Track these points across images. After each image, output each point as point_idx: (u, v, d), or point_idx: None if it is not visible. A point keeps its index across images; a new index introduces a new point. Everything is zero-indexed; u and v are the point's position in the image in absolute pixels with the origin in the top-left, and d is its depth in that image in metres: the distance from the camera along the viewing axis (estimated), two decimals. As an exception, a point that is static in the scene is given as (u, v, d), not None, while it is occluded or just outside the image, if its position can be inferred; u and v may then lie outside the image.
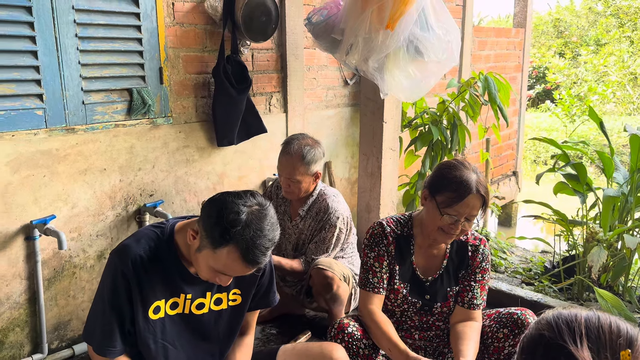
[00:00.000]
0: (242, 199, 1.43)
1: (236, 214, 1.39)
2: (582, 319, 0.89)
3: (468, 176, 1.76)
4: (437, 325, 1.98)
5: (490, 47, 5.16)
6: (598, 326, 0.87)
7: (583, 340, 0.85)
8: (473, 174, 1.77)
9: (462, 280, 1.94)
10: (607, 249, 3.11)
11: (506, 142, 5.83)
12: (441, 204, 1.77)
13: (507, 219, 6.14)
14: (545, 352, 0.90)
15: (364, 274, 1.93)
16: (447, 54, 2.53)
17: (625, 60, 8.86)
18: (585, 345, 0.85)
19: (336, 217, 2.44)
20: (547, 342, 0.90)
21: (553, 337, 0.89)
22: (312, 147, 2.41)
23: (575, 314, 0.91)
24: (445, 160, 1.91)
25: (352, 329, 1.85)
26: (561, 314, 0.93)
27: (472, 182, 1.75)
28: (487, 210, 4.78)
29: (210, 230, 1.41)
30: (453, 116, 3.65)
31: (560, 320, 0.91)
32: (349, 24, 2.51)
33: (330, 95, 3.53)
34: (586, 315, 0.90)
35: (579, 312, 0.92)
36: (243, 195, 1.44)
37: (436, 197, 1.79)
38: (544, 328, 0.92)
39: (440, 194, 1.78)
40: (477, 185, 1.75)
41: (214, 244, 1.41)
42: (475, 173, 1.78)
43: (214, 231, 1.40)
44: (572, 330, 0.88)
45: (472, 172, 1.78)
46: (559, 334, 0.88)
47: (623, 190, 3.24)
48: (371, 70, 2.52)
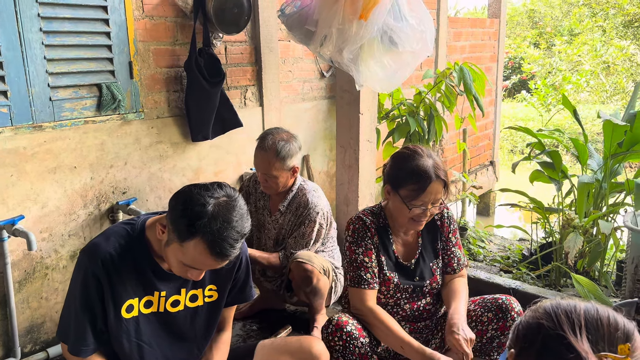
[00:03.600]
0: (209, 191, 1.40)
1: (202, 206, 1.36)
2: (581, 311, 0.89)
3: (425, 164, 1.76)
4: (427, 309, 1.98)
5: (466, 37, 5.19)
6: (597, 318, 0.88)
7: (582, 332, 0.85)
8: (429, 160, 1.78)
9: (442, 252, 1.99)
10: (582, 235, 3.16)
11: (483, 132, 5.88)
12: (406, 198, 1.78)
13: (485, 208, 6.21)
14: (544, 341, 0.90)
15: (354, 271, 1.89)
16: (421, 43, 2.52)
17: (597, 50, 9.01)
18: (584, 336, 0.85)
19: (316, 213, 2.42)
20: (547, 331, 0.90)
21: (552, 326, 0.89)
22: (287, 142, 2.38)
23: (574, 305, 0.91)
24: (398, 151, 1.90)
25: (351, 327, 1.80)
26: (560, 304, 0.93)
27: (430, 170, 1.76)
28: (465, 198, 4.81)
29: (176, 223, 1.39)
30: (430, 107, 3.66)
31: (560, 310, 0.91)
32: (322, 14, 2.48)
33: (306, 88, 3.50)
34: (585, 307, 0.90)
35: (577, 303, 0.92)
36: (210, 187, 1.42)
37: (399, 191, 1.80)
38: (542, 317, 0.92)
39: (402, 188, 1.79)
40: (435, 171, 1.76)
41: (180, 237, 1.38)
42: (431, 157, 1.79)
43: (180, 224, 1.37)
44: (572, 321, 0.88)
45: (428, 157, 1.78)
46: (558, 324, 0.88)
47: (597, 177, 3.29)
48: (346, 62, 2.50)
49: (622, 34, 9.28)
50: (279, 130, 2.46)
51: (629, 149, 3.12)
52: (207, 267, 1.46)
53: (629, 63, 8.52)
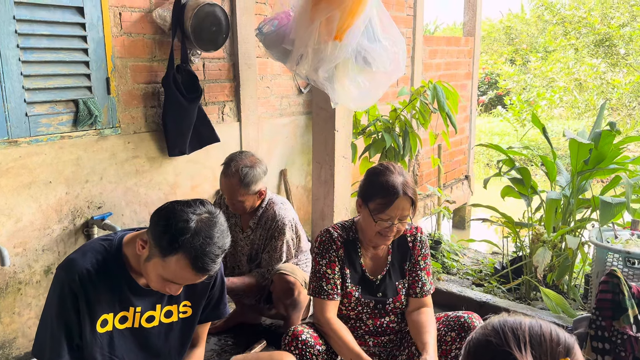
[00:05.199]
0: (192, 207, 1.44)
1: (185, 222, 1.40)
2: (526, 327, 0.93)
3: (394, 180, 1.83)
4: (392, 327, 2.02)
5: (441, 55, 5.32)
6: (540, 334, 0.92)
7: (527, 348, 0.89)
8: (399, 177, 1.84)
9: (409, 273, 2.01)
10: (551, 249, 3.26)
11: (458, 147, 6.00)
12: (373, 211, 1.83)
13: (460, 222, 6.31)
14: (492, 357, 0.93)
15: (316, 282, 1.96)
16: (394, 64, 2.59)
17: (570, 67, 9.29)
18: (529, 352, 0.89)
19: (283, 224, 2.46)
20: (494, 348, 0.93)
21: (500, 343, 0.92)
22: (251, 168, 2.39)
23: (520, 322, 0.95)
24: (372, 167, 1.97)
25: (306, 335, 1.87)
26: (507, 321, 0.96)
27: (398, 186, 1.82)
28: (419, 209, 4.90)
29: (159, 238, 1.42)
30: (405, 123, 3.74)
31: (506, 327, 0.94)
32: (298, 34, 2.54)
33: (284, 103, 3.56)
34: (529, 324, 0.94)
35: (523, 319, 0.96)
36: (192, 203, 1.45)
37: (368, 204, 1.85)
38: (490, 334, 0.96)
39: (371, 201, 1.85)
40: (403, 188, 1.82)
41: (162, 252, 1.41)
42: (402, 175, 1.85)
43: (163, 240, 1.41)
44: (517, 337, 0.91)
45: (398, 174, 1.85)
46: (505, 341, 0.92)
47: (565, 193, 3.40)
48: (321, 80, 2.56)
49: (593, 52, 9.58)
50: (245, 154, 2.46)
51: (595, 167, 3.24)
52: (187, 281, 1.49)
53: (600, 81, 8.79)
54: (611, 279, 1.35)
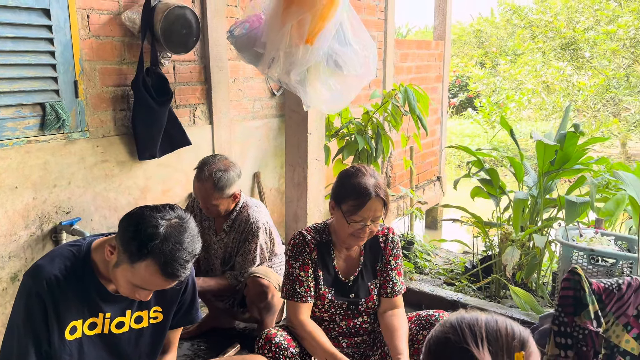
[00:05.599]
0: (161, 213, 1.43)
1: (154, 228, 1.39)
2: (482, 323, 0.96)
3: (366, 182, 1.85)
4: (365, 327, 2.04)
5: (412, 59, 5.39)
6: (496, 329, 0.94)
7: (484, 343, 0.92)
8: (371, 179, 1.86)
9: (380, 273, 2.03)
10: (519, 248, 3.34)
11: (430, 149, 6.09)
12: (346, 213, 1.85)
13: (433, 222, 6.40)
14: (450, 354, 0.95)
15: (290, 284, 1.97)
16: (364, 68, 2.62)
17: (538, 70, 9.52)
18: (485, 347, 0.91)
19: (257, 227, 2.46)
20: (453, 345, 0.95)
21: (457, 340, 0.95)
22: (224, 172, 2.38)
23: (476, 318, 0.98)
24: (345, 169, 1.99)
25: (280, 338, 1.88)
26: (464, 318, 0.99)
27: (370, 187, 1.84)
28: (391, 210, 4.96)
29: (128, 244, 1.40)
30: (377, 126, 3.79)
31: (464, 324, 0.97)
32: (270, 38, 2.55)
33: (257, 106, 3.56)
34: (486, 319, 0.97)
35: (479, 316, 0.98)
36: (162, 208, 1.44)
37: (341, 206, 1.87)
38: (448, 331, 0.98)
39: (344, 203, 1.87)
40: (375, 190, 1.84)
41: (131, 258, 1.40)
42: (374, 177, 1.88)
43: (131, 245, 1.39)
44: (474, 333, 0.94)
45: (370, 177, 1.87)
46: (462, 338, 0.94)
47: (532, 193, 3.49)
48: (293, 83, 2.57)
49: (560, 55, 9.86)
50: (218, 158, 2.45)
51: (561, 167, 3.33)
52: (157, 287, 1.48)
53: (566, 83, 9.04)
54: (573, 276, 1.40)
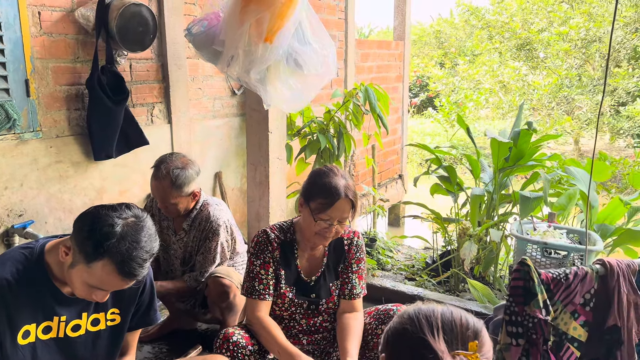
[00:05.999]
0: (117, 212, 1.41)
1: (110, 227, 1.37)
2: (438, 314, 0.99)
3: (337, 182, 1.87)
4: (325, 326, 2.06)
5: (373, 59, 5.45)
6: (451, 320, 0.98)
7: (440, 333, 0.95)
8: (342, 180, 1.88)
9: (341, 274, 2.05)
10: (477, 242, 3.43)
11: (391, 147, 6.18)
12: (314, 211, 1.86)
13: (395, 220, 6.50)
14: (408, 344, 0.99)
15: (249, 282, 1.97)
16: (324, 67, 2.64)
17: (495, 70, 9.80)
18: (441, 337, 0.95)
19: (217, 225, 2.44)
20: (410, 335, 0.98)
21: (415, 330, 0.98)
22: (182, 169, 2.34)
23: (432, 309, 1.01)
24: (317, 168, 2.01)
25: (237, 337, 1.88)
26: (421, 310, 1.02)
27: (340, 188, 1.86)
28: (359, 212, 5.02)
29: (83, 244, 1.38)
30: (339, 125, 3.81)
31: (421, 315, 1.00)
32: (228, 36, 2.54)
33: (217, 105, 3.53)
34: (441, 310, 1.00)
35: (435, 307, 1.02)
36: (118, 207, 1.42)
37: (310, 204, 1.88)
38: (406, 322, 1.01)
39: (313, 201, 1.88)
40: (345, 191, 1.86)
41: (87, 258, 1.37)
42: (344, 178, 1.90)
43: (87, 245, 1.37)
44: (431, 324, 0.97)
45: (341, 177, 1.89)
46: (419, 328, 0.97)
47: (488, 189, 3.59)
48: (253, 82, 2.57)
49: (516, 55, 10.17)
50: (176, 156, 2.41)
51: (515, 164, 3.45)
52: (114, 287, 1.45)
53: (522, 83, 9.34)
54: (522, 267, 1.46)
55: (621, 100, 9.09)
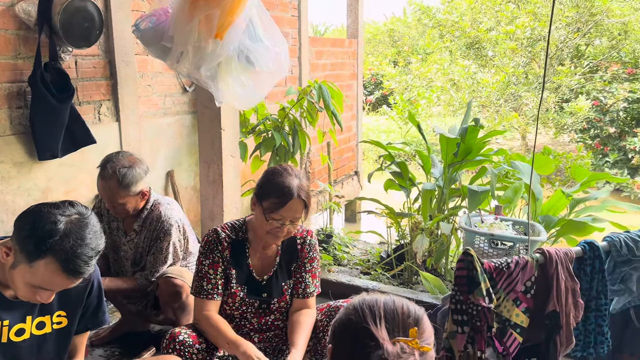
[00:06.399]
0: (60, 209, 1.38)
1: (53, 224, 1.33)
2: (381, 304, 1.03)
3: (290, 182, 1.87)
4: (276, 324, 2.06)
5: (327, 56, 5.49)
6: (393, 309, 1.02)
7: (382, 322, 0.99)
8: (295, 180, 1.88)
9: (294, 274, 2.05)
10: (429, 236, 3.53)
11: (347, 144, 6.24)
12: (266, 210, 1.86)
13: (352, 216, 6.57)
14: (353, 334, 1.02)
15: (198, 281, 1.95)
16: (277, 64, 2.64)
17: (445, 68, 10.06)
18: (383, 325, 0.98)
19: (169, 224, 2.40)
20: (354, 325, 1.02)
21: (359, 320, 1.01)
22: (129, 168, 2.29)
23: (376, 299, 1.05)
24: (271, 167, 2.01)
25: (184, 336, 1.86)
26: (365, 300, 1.06)
27: (293, 188, 1.86)
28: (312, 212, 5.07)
29: (24, 243, 1.34)
30: (294, 122, 3.82)
31: (364, 305, 1.04)
32: (177, 31, 2.50)
33: (168, 102, 3.47)
34: (384, 300, 1.04)
35: (379, 297, 1.06)
36: (61, 205, 1.39)
37: (262, 203, 1.88)
38: (351, 313, 1.05)
39: (265, 200, 1.88)
40: (298, 191, 1.86)
41: (29, 257, 1.34)
42: (298, 178, 1.90)
43: (28, 244, 1.33)
44: (374, 313, 1.01)
45: (295, 177, 1.89)
46: (363, 318, 1.01)
47: (439, 184, 3.69)
48: (204, 79, 2.54)
49: (466, 54, 10.47)
50: (122, 155, 2.36)
51: (463, 159, 3.56)
52: (59, 287, 1.42)
53: (471, 80, 9.63)
54: (466, 258, 1.52)
55: (565, 97, 9.52)
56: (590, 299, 1.78)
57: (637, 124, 8.57)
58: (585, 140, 9.02)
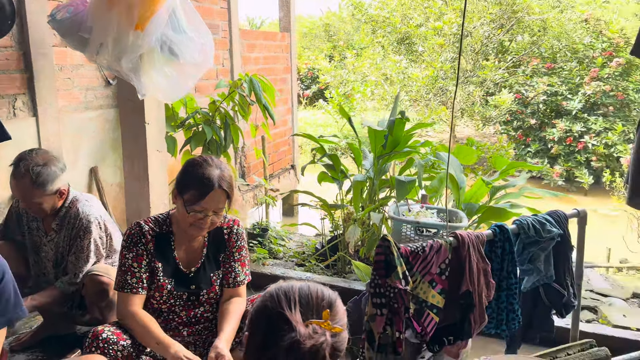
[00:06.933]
0: None
1: None
2: (296, 289, 1.07)
3: (210, 173, 1.85)
4: (206, 316, 2.05)
5: (260, 50, 5.46)
6: (308, 293, 1.06)
7: (296, 306, 1.03)
8: (216, 170, 1.87)
9: (223, 264, 2.04)
10: (360, 226, 3.62)
11: (283, 138, 6.25)
12: (187, 202, 1.84)
13: (290, 209, 6.61)
14: (268, 319, 1.05)
15: (121, 275, 1.91)
16: (202, 55, 2.61)
17: (378, 63, 10.27)
18: (297, 310, 1.02)
19: (88, 221, 2.32)
20: (270, 311, 1.05)
21: (274, 306, 1.04)
22: (44, 166, 2.20)
23: (291, 286, 1.08)
24: (191, 158, 1.98)
25: (107, 334, 1.82)
26: (281, 287, 1.09)
27: (214, 179, 1.84)
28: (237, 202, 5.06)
29: None
30: (225, 116, 3.78)
31: (280, 292, 1.07)
32: (96, 22, 2.41)
33: (90, 96, 3.33)
34: (300, 286, 1.08)
35: (294, 284, 1.09)
36: None
37: (183, 195, 1.86)
38: (267, 300, 1.08)
39: (186, 192, 1.85)
40: (219, 181, 1.85)
41: None
42: (219, 169, 1.88)
43: None
44: (289, 299, 1.04)
45: (216, 168, 1.88)
46: (278, 303, 1.04)
47: (369, 175, 3.79)
48: (125, 71, 2.46)
49: (397, 49, 10.74)
50: (37, 152, 2.26)
51: (392, 151, 3.67)
52: None
53: (402, 75, 9.89)
54: (383, 243, 1.58)
55: (490, 90, 9.99)
56: (501, 279, 1.90)
57: (555, 115, 9.14)
58: (509, 132, 9.51)
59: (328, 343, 0.99)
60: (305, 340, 0.97)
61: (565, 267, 2.10)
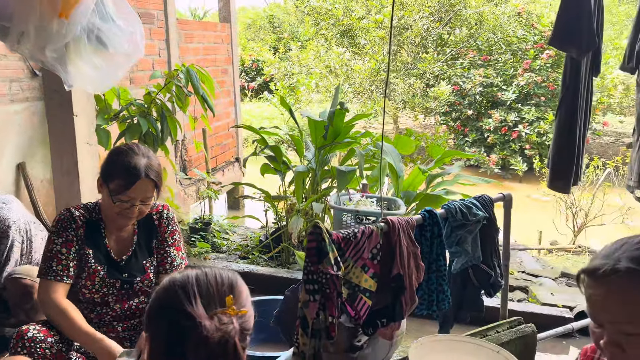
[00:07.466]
0: None
1: None
2: (193, 280, 0.98)
3: (137, 161, 1.81)
4: (141, 308, 1.99)
5: (199, 40, 5.35)
6: (206, 282, 0.98)
7: (197, 298, 0.94)
8: (143, 159, 1.83)
9: (157, 251, 2.00)
10: (303, 217, 3.64)
11: (226, 131, 6.17)
12: (113, 192, 1.80)
13: (235, 202, 6.55)
14: (167, 319, 0.96)
15: (46, 262, 1.82)
16: (132, 45, 2.52)
17: (322, 55, 10.31)
18: (199, 302, 0.94)
19: (7, 226, 2.22)
20: (168, 310, 0.96)
21: (172, 304, 0.95)
22: None
23: (187, 276, 0.99)
24: (116, 146, 1.93)
25: (33, 332, 1.74)
26: (175, 279, 0.99)
27: (141, 168, 1.81)
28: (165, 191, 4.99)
29: None
30: (161, 108, 3.69)
31: (176, 286, 0.98)
32: (16, 9, 2.29)
33: (15, 88, 3.15)
34: (195, 275, 0.99)
35: (190, 273, 1.00)
36: None
37: (109, 185, 1.81)
38: (162, 297, 0.99)
39: (111, 182, 1.81)
40: (146, 170, 1.82)
41: None
42: (146, 157, 1.85)
43: None
44: (187, 292, 0.95)
45: (142, 156, 1.84)
46: (176, 299, 0.95)
47: (311, 166, 3.82)
48: (50, 61, 2.35)
49: (340, 42, 10.81)
50: None
51: (333, 141, 3.71)
52: None
53: (346, 67, 9.98)
54: (315, 230, 1.60)
55: (429, 82, 10.26)
56: (431, 262, 1.97)
57: (491, 106, 9.51)
58: (448, 122, 9.82)
59: (236, 330, 0.93)
60: (213, 334, 0.90)
61: (492, 249, 2.20)
